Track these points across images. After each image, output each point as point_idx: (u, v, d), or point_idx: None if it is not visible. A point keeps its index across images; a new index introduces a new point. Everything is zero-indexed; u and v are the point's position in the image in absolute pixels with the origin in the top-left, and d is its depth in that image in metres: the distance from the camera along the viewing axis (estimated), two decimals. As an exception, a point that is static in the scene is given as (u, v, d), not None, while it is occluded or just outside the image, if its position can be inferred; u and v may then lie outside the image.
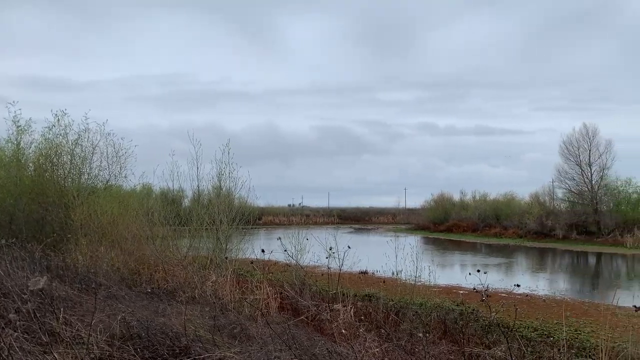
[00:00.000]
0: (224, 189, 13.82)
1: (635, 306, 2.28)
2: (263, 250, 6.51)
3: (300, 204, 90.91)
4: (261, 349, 4.03)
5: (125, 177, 15.77)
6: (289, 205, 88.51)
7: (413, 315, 8.79)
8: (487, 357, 5.24)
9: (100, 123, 15.02)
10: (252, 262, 9.63)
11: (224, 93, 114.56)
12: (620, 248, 33.81)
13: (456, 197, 58.82)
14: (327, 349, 4.05)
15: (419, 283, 12.56)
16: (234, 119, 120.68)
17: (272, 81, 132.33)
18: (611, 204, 41.48)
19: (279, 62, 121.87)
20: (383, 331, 5.80)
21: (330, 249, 8.48)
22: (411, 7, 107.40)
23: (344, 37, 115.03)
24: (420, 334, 4.53)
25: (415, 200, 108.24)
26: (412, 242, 14.23)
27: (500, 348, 5.60)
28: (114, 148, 15.19)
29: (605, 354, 6.35)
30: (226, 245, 12.81)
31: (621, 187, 42.35)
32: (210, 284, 10.00)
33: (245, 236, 14.37)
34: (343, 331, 5.46)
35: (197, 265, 11.43)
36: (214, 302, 7.43)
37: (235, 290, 9.90)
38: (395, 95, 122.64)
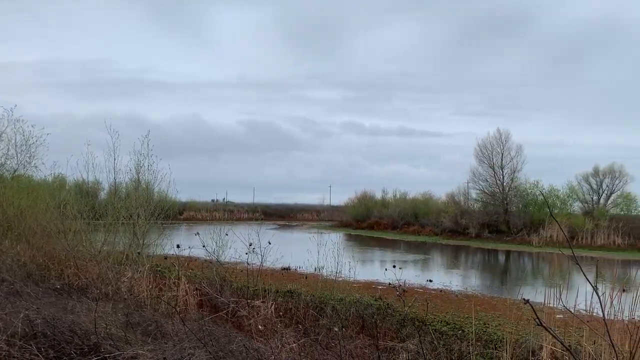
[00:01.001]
0: (142, 182, 13.31)
1: (524, 299, 2.46)
2: (178, 246, 6.34)
3: (224, 199, 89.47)
4: (174, 346, 3.92)
5: (35, 167, 14.84)
6: (213, 201, 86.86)
7: (332, 310, 8.92)
8: (401, 351, 5.43)
9: (8, 108, 14.02)
10: (166, 258, 9.35)
11: (149, 82, 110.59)
12: (527, 246, 36.17)
13: (378, 195, 60.41)
14: (244, 345, 4.02)
15: (340, 279, 12.76)
16: (158, 110, 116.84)
17: (199, 72, 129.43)
18: (520, 205, 44.26)
19: (206, 53, 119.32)
20: (301, 326, 5.84)
21: (250, 245, 8.41)
22: (341, 8, 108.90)
23: (274, 31, 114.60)
24: (336, 329, 4.61)
25: (340, 197, 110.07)
26: (334, 239, 14.43)
27: (413, 341, 5.82)
28: (24, 136, 14.24)
29: (509, 345, 6.76)
30: (143, 241, 12.35)
31: (529, 189, 45.35)
32: (126, 280, 9.62)
33: (165, 231, 13.94)
34: (260, 327, 5.45)
35: (112, 261, 10.95)
36: (128, 299, 7.15)
37: (152, 287, 9.59)
38: (323, 94, 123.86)
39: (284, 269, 18.10)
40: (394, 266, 4.87)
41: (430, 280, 7.07)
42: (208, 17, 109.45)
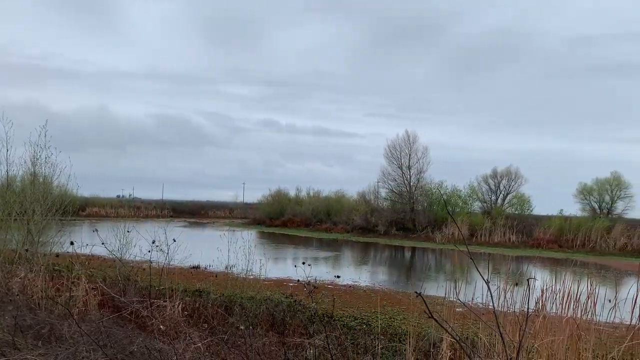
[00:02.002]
0: (39, 176, 12.40)
1: (416, 292, 2.57)
2: (72, 242, 5.97)
3: (130, 195, 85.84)
4: (68, 349, 3.68)
5: None
6: (118, 197, 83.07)
7: (241, 309, 8.82)
8: (308, 347, 5.47)
9: None
10: (58, 255, 8.78)
11: (52, 70, 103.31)
12: (431, 243, 37.96)
13: (292, 193, 60.68)
14: (145, 346, 3.85)
15: (251, 277, 12.66)
16: (61, 100, 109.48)
17: (108, 62, 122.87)
18: (425, 204, 46.36)
19: (116, 42, 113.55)
20: (206, 325, 5.72)
21: (154, 242, 8.11)
22: (259, 5, 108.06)
23: (188, 23, 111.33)
24: (242, 327, 4.56)
25: (254, 195, 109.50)
26: (246, 237, 14.27)
27: (320, 337, 5.89)
28: None
29: (412, 338, 7.05)
30: (39, 238, 11.52)
31: (434, 189, 47.58)
32: (18, 280, 8.93)
33: (65, 228, 13.10)
34: (161, 327, 5.26)
35: (3, 260, 10.12)
36: (17, 301, 6.62)
37: (49, 288, 8.97)
38: (239, 89, 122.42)
39: (194, 267, 17.67)
40: (303, 263, 4.90)
41: (338, 276, 7.21)
42: (119, 4, 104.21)
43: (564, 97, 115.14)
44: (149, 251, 8.52)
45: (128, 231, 10.97)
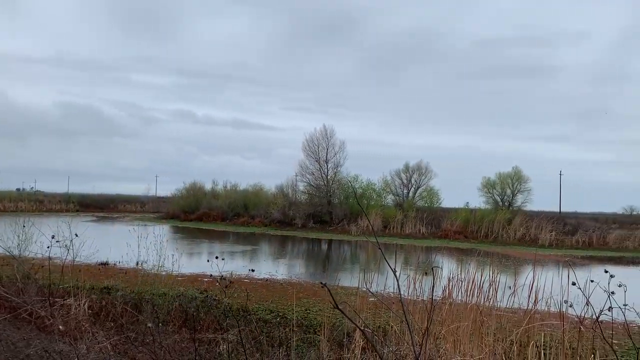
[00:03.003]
0: None
1: (321, 283, 2.59)
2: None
3: (32, 188, 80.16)
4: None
5: None
6: (18, 190, 77.24)
7: (153, 305, 8.52)
8: (221, 342, 5.39)
9: None
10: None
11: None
12: (347, 235, 38.76)
13: (208, 186, 59.44)
14: (44, 348, 3.60)
15: (163, 272, 12.27)
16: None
17: (7, 44, 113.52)
18: (342, 197, 47.24)
19: (17, 24, 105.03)
20: (112, 324, 5.46)
21: (53, 237, 7.63)
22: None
23: (98, 7, 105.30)
24: (150, 325, 4.40)
25: (168, 188, 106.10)
26: (159, 231, 13.80)
27: (233, 332, 5.82)
28: None
29: (327, 329, 7.16)
30: None
31: (350, 182, 48.58)
32: None
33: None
34: (61, 327, 4.96)
35: None
36: None
37: None
38: (153, 79, 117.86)
39: (102, 264, 16.85)
40: (217, 257, 4.80)
41: (253, 270, 7.16)
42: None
43: (472, 96, 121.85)
44: (48, 247, 7.98)
45: (23, 226, 10.21)
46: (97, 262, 16.39)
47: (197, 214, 51.13)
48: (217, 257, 4.44)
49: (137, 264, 13.24)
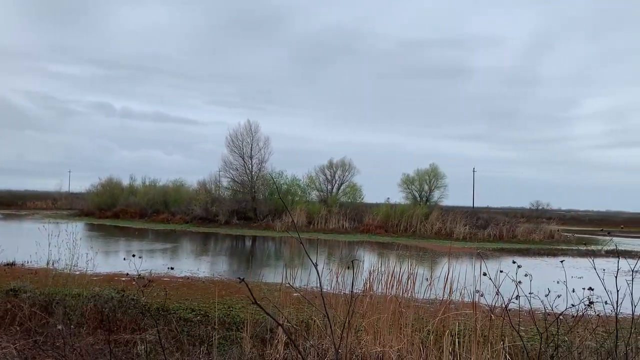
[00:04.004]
0: None
1: (239, 278, 2.60)
2: None
3: None
4: None
5: None
6: None
7: (65, 307, 8.07)
8: (139, 342, 5.20)
9: None
10: None
11: None
12: (272, 232, 38.68)
13: (126, 182, 57.12)
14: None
15: (77, 272, 11.66)
16: None
17: None
18: (266, 193, 47.05)
19: None
20: (18, 328, 5.11)
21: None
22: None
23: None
24: (60, 327, 4.16)
25: (81, 184, 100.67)
26: (72, 229, 13.08)
27: (152, 332, 5.64)
28: None
29: (249, 325, 7.11)
30: None
31: (275, 178, 48.48)
32: None
33: None
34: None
35: None
36: None
37: None
38: (69, 69, 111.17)
39: (8, 264, 15.76)
40: (134, 255, 4.63)
41: (172, 268, 6.94)
42: None
43: (394, 95, 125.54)
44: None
45: None
46: (2, 263, 15.31)
47: (114, 210, 48.96)
48: (134, 255, 4.28)
49: (48, 263, 12.50)
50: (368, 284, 7.97)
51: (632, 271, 3.70)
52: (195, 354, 5.36)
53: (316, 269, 2.91)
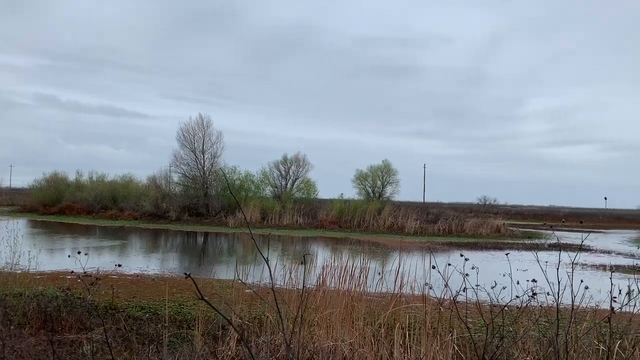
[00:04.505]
0: None
1: (185, 274, 2.57)
2: None
3: None
4: None
5: None
6: None
7: (5, 307, 7.72)
8: (85, 342, 5.03)
9: None
10: None
11: None
12: (224, 228, 38.23)
13: (72, 177, 55.09)
14: None
15: (18, 271, 11.17)
16: None
17: None
18: (219, 189, 46.44)
19: None
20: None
21: None
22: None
23: None
24: (-1, 328, 3.98)
25: (24, 179, 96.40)
26: (13, 226, 12.52)
27: (98, 331, 5.47)
28: None
29: (201, 322, 7.02)
30: None
31: (228, 174, 47.96)
32: None
33: None
34: None
35: None
36: None
37: None
38: (11, 59, 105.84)
39: (-58, 264, 14.90)
40: (79, 252, 4.47)
41: (119, 265, 6.72)
42: None
43: (349, 92, 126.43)
44: None
45: None
46: None
47: (59, 207, 47.12)
48: (79, 253, 4.13)
49: (-13, 262, 11.92)
50: (321, 279, 8.01)
51: (572, 263, 3.87)
52: (145, 352, 5.24)
53: (267, 264, 2.90)
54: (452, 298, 4.25)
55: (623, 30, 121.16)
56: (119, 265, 6.42)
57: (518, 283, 4.45)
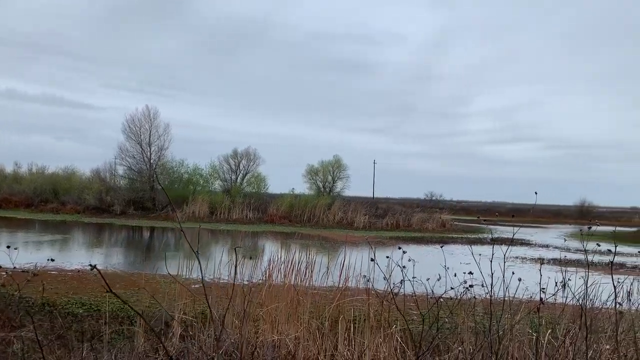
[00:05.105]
0: None
1: (90, 265, 2.55)
2: None
3: None
4: None
5: None
6: None
7: None
8: (14, 341, 4.83)
9: None
10: None
11: None
12: (171, 222, 37.45)
13: (9, 169, 52.52)
14: None
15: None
16: None
17: None
18: (166, 182, 45.43)
19: None
20: None
21: None
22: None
23: None
24: None
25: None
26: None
27: (29, 328, 5.27)
28: None
29: (141, 318, 6.88)
30: None
31: (175, 167, 47.00)
32: None
33: None
34: None
35: None
36: None
37: None
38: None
39: None
40: (8, 247, 4.29)
41: (52, 260, 6.44)
42: None
43: (301, 86, 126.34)
44: None
45: None
46: None
47: (-5, 199, 44.81)
48: (8, 247, 3.95)
49: None
50: (267, 273, 8.01)
51: (504, 257, 4.04)
52: (83, 350, 5.09)
53: (197, 257, 2.87)
54: (394, 291, 4.35)
55: (563, 35, 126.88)
56: (52, 260, 6.14)
57: (455, 275, 4.60)
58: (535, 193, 4.78)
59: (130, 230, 32.93)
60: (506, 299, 4.79)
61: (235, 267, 8.13)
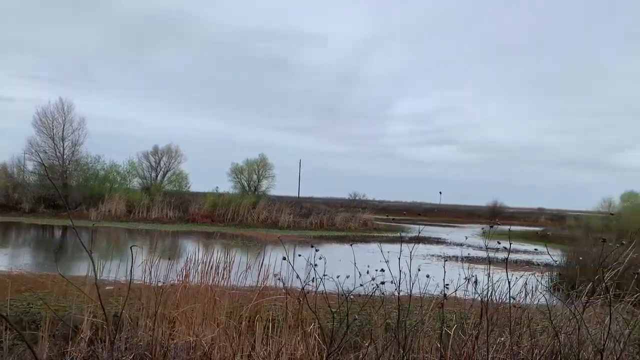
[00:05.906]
0: None
1: None
2: None
3: None
4: None
5: None
6: None
7: None
8: None
9: None
10: None
11: None
12: (85, 221, 35.62)
13: None
14: None
15: None
16: None
17: None
18: (80, 179, 43.19)
19: None
20: None
21: None
22: None
23: None
24: None
25: None
26: None
27: None
28: None
29: (50, 323, 6.54)
30: None
31: (91, 163, 44.80)
32: None
33: None
34: None
35: None
36: None
37: None
38: None
39: None
40: None
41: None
42: None
43: (227, 83, 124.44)
44: None
45: None
46: None
47: None
48: None
49: None
50: (184, 273, 7.85)
51: (411, 255, 4.22)
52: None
53: (90, 255, 2.80)
54: (302, 289, 4.42)
55: (490, 43, 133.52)
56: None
57: (367, 273, 4.74)
58: (440, 193, 5.11)
59: (40, 229, 31.04)
60: (416, 295, 5.01)
61: (151, 267, 7.92)
